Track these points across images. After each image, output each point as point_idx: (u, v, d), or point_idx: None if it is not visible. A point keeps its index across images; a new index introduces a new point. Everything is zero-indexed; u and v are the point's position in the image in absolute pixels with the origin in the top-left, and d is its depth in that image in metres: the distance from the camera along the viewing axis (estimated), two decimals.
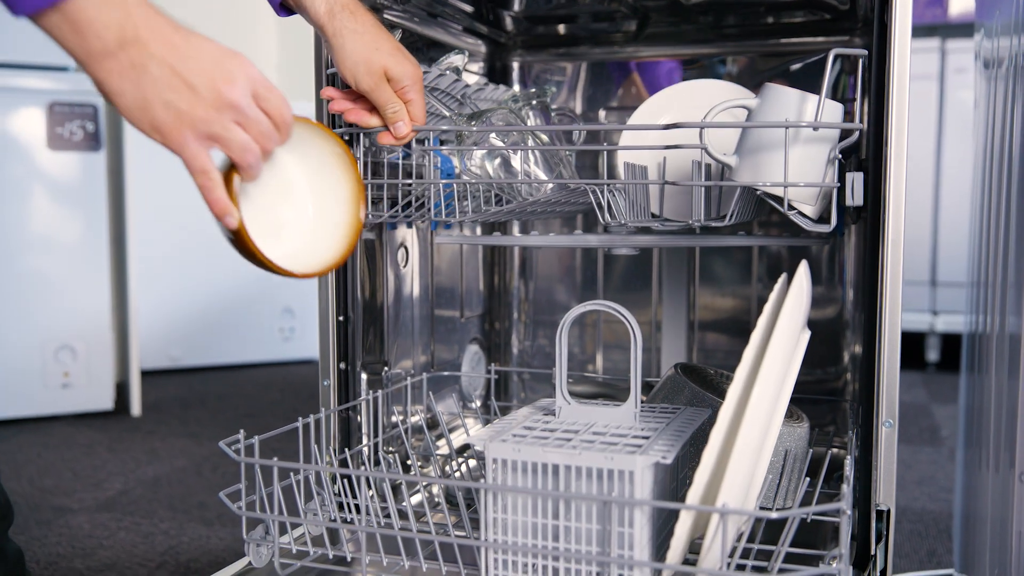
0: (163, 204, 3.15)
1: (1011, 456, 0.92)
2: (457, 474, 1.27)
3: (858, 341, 1.41)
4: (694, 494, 0.76)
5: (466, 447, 1.39)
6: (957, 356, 3.25)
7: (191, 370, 3.29)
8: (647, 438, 0.84)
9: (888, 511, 0.98)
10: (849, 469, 0.88)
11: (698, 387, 1.09)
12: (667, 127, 0.94)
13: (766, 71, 1.47)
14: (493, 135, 1.04)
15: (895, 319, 0.96)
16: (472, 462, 1.33)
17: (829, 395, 1.44)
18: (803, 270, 0.82)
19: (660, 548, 0.85)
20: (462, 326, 1.52)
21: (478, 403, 1.54)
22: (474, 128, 1.02)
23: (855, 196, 1.00)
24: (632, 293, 1.57)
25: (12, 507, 1.08)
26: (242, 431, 0.96)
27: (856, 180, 1.00)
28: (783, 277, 0.86)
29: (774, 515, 0.73)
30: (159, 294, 3.17)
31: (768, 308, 0.81)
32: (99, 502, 1.91)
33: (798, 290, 0.80)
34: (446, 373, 1.44)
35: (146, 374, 3.10)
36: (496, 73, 1.56)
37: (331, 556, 0.93)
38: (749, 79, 1.47)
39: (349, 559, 0.93)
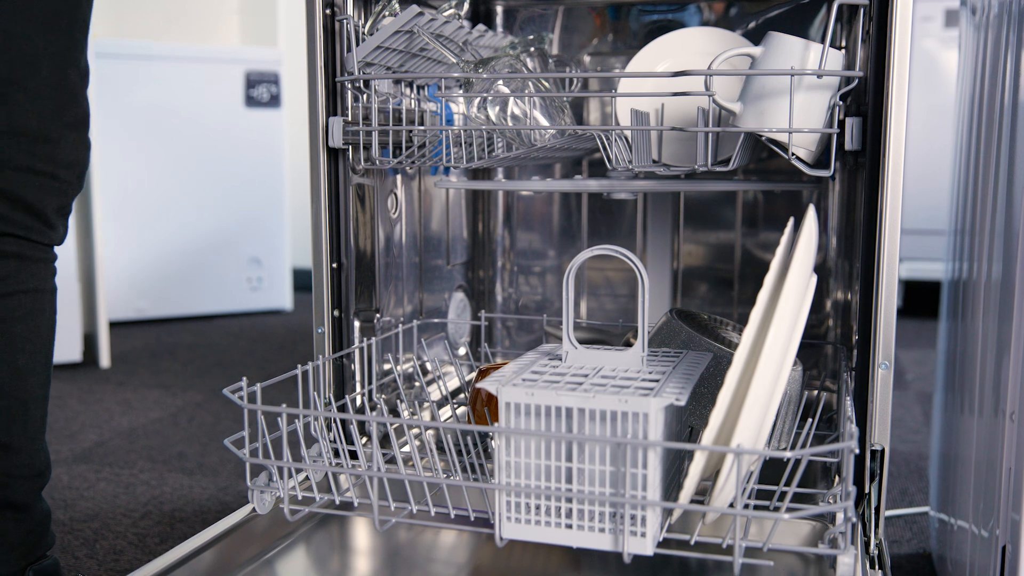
0: (128, 153, 3.09)
1: (1001, 398, 0.94)
2: (451, 419, 1.28)
3: (840, 287, 1.44)
4: (709, 435, 0.77)
5: (457, 392, 1.40)
6: (919, 302, 3.32)
7: (158, 321, 3.26)
8: (656, 381, 0.85)
9: (882, 450, 1.00)
10: (850, 410, 0.90)
11: (694, 331, 1.10)
12: (675, 75, 0.94)
13: (749, 16, 1.46)
14: (500, 82, 1.03)
15: (893, 263, 0.98)
16: (462, 409, 1.34)
17: (812, 340, 1.47)
18: (812, 216, 0.83)
19: (667, 489, 0.87)
20: (448, 274, 1.52)
21: (463, 350, 1.55)
22: (483, 75, 1.01)
23: (854, 141, 1.01)
24: (616, 240, 1.58)
25: (50, 466, 1.07)
26: (244, 379, 0.96)
27: (855, 125, 1.01)
28: (791, 221, 0.87)
29: (788, 455, 0.74)
30: (124, 245, 3.12)
31: (779, 252, 0.82)
32: (75, 454, 1.89)
33: (808, 235, 0.80)
34: (436, 320, 1.44)
35: (112, 325, 3.06)
36: (480, 18, 1.54)
37: (338, 502, 0.93)
38: (726, 26, 1.47)
39: (356, 504, 0.93)
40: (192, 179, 3.21)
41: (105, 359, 2.61)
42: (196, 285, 3.27)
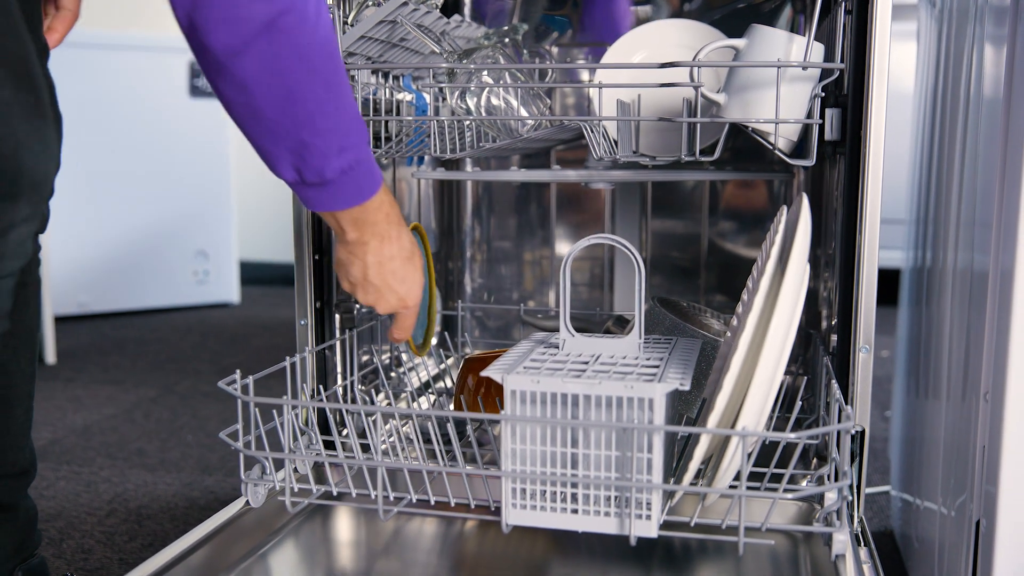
0: (70, 144, 3.01)
1: (974, 379, 0.98)
2: (434, 407, 1.28)
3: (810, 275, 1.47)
4: (715, 418, 0.79)
5: (436, 379, 1.40)
6: None
7: (102, 316, 3.18)
8: (656, 367, 0.87)
9: (862, 431, 1.03)
10: (838, 392, 0.93)
11: (677, 318, 1.12)
12: (663, 66, 0.95)
13: (713, 9, 1.49)
14: (485, 73, 1.03)
15: (873, 250, 1.01)
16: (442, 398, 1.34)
17: None
18: (806, 204, 0.85)
19: (666, 472, 0.88)
20: None
21: (434, 340, 1.55)
22: (471, 66, 1.02)
23: (833, 131, 1.04)
24: (584, 230, 1.59)
25: (36, 464, 1.05)
26: (238, 371, 0.95)
27: (835, 116, 1.04)
28: (783, 209, 0.89)
29: (792, 437, 0.77)
30: (66, 238, 3.03)
31: (778, 240, 0.84)
32: None
33: (806, 224, 0.83)
34: None
35: (55, 320, 2.98)
36: (449, 8, 1.54)
37: (335, 493, 0.93)
38: (696, 17, 1.49)
39: (355, 495, 0.93)
40: (136, 171, 3.14)
41: (51, 355, 2.55)
42: (140, 279, 3.20)
